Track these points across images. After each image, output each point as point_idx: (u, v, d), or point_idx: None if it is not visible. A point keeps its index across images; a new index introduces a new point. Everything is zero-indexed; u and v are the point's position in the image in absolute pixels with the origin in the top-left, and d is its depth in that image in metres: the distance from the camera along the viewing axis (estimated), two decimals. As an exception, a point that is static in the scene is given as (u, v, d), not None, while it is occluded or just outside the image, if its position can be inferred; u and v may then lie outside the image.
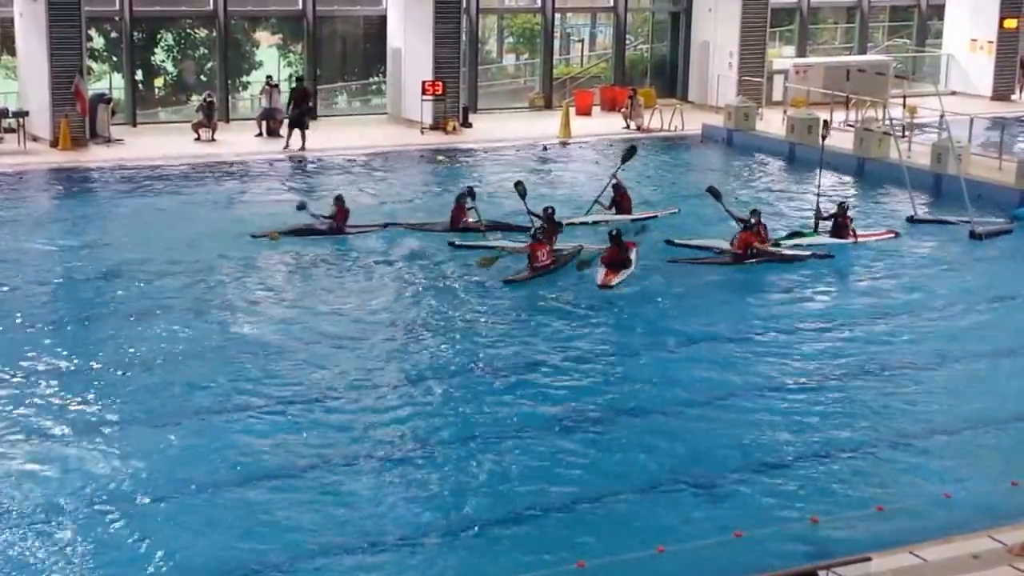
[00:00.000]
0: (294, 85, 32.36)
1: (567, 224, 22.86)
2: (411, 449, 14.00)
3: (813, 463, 13.85)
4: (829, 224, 23.10)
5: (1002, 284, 21.13)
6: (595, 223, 23.72)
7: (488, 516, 12.53)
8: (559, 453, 13.96)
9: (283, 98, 33.40)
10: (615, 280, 19.99)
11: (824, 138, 25.07)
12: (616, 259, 20.47)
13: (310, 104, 32.17)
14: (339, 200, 23.17)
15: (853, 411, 15.40)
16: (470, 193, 23.37)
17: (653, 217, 24.59)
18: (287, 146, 31.03)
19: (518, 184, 22.89)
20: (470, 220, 23.19)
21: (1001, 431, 14.76)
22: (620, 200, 24.64)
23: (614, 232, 20.69)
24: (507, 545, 12.03)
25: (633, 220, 23.69)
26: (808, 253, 21.92)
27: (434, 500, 12.87)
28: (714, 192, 23.33)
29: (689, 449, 14.19)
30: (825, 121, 26.33)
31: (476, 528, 12.31)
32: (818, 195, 24.01)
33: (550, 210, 21.99)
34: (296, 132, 31.15)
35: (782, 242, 22.49)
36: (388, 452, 13.89)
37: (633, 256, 20.76)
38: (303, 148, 30.97)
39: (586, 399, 15.59)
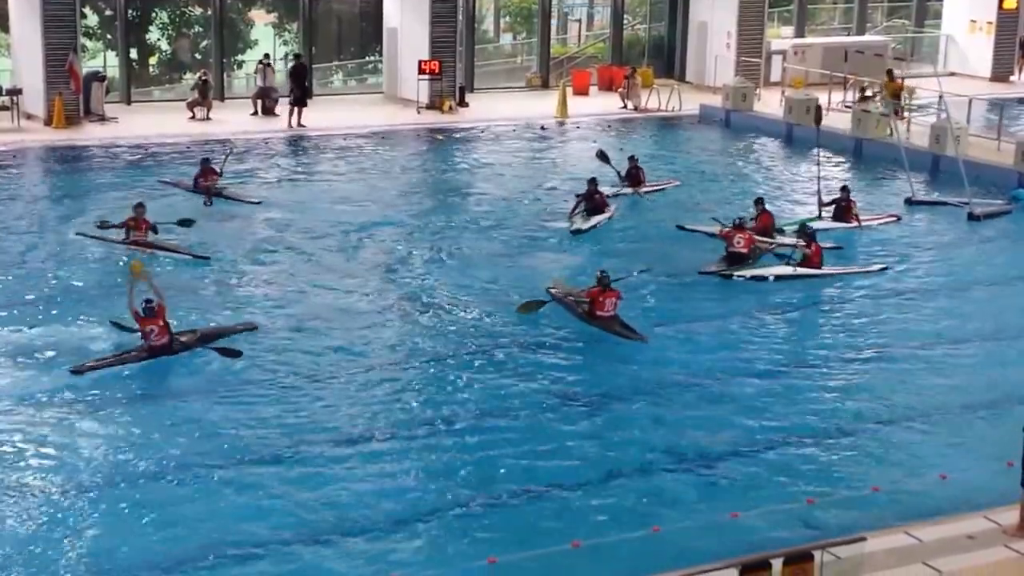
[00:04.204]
0: (293, 63, 32.17)
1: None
2: (407, 431, 13.96)
3: (809, 444, 13.82)
4: (831, 209, 22.96)
5: (1000, 266, 21.04)
6: (616, 195, 24.15)
7: (484, 496, 12.49)
8: (556, 434, 13.91)
9: (279, 77, 33.29)
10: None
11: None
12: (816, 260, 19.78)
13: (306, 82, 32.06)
14: (139, 207, 20.38)
15: (849, 393, 15.37)
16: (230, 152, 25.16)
17: (661, 190, 25.30)
18: (295, 124, 30.88)
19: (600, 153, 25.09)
20: (216, 184, 23.68)
21: (997, 412, 14.70)
22: (635, 175, 25.05)
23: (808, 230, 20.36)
24: (503, 524, 11.99)
25: (644, 193, 24.83)
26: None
27: (430, 481, 12.81)
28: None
29: (685, 431, 14.14)
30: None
31: (472, 507, 12.27)
32: (819, 178, 23.89)
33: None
34: (295, 109, 31.03)
35: (786, 228, 22.30)
36: (385, 433, 13.87)
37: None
38: (301, 125, 30.89)
39: (583, 381, 15.53)
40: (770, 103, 34.19)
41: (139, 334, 15.63)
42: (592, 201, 22.69)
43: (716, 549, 10.87)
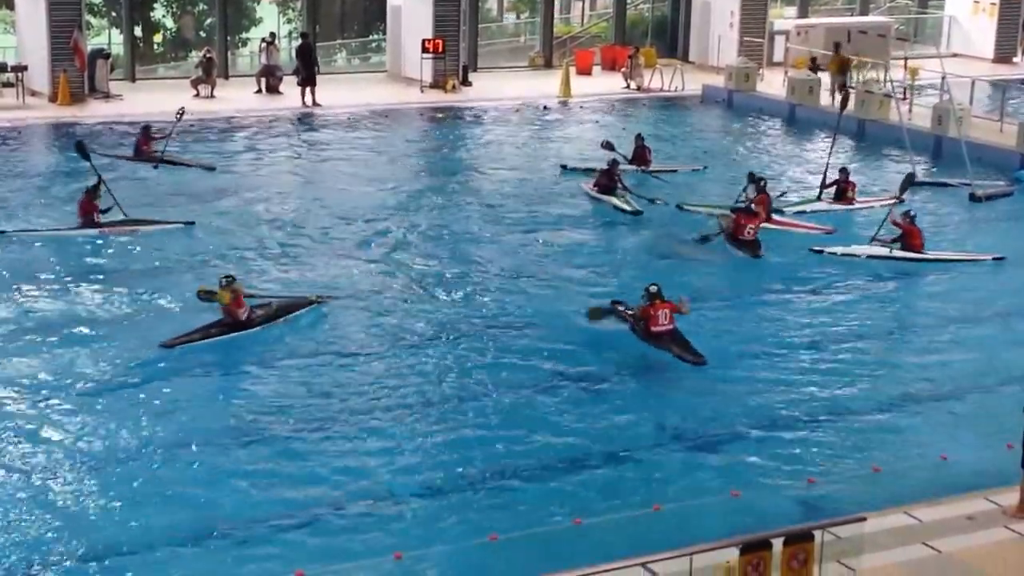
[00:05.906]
0: (300, 42, 32.09)
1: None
2: (409, 410, 14.05)
3: (811, 425, 13.91)
4: (832, 191, 22.98)
5: (1000, 247, 21.05)
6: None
7: (487, 474, 12.59)
8: (558, 413, 14.02)
9: (283, 55, 33.24)
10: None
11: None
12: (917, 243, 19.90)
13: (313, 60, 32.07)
14: (94, 190, 20.18)
15: (851, 373, 15.43)
16: (181, 112, 25.10)
17: (674, 171, 25.23)
18: (310, 102, 30.92)
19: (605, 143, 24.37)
20: (154, 151, 24.32)
21: (997, 394, 14.79)
22: (641, 154, 25.04)
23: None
24: (505, 502, 12.09)
25: (651, 172, 24.73)
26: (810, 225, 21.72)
27: (432, 459, 12.91)
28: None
29: (688, 410, 14.24)
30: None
31: (477, 484, 12.38)
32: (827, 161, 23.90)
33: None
34: (306, 89, 31.02)
35: (786, 210, 22.36)
36: (387, 411, 13.98)
37: None
38: (317, 104, 30.95)
39: (587, 361, 15.60)
40: (773, 83, 34.17)
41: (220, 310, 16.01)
42: (609, 179, 22.75)
43: (717, 528, 10.97)
